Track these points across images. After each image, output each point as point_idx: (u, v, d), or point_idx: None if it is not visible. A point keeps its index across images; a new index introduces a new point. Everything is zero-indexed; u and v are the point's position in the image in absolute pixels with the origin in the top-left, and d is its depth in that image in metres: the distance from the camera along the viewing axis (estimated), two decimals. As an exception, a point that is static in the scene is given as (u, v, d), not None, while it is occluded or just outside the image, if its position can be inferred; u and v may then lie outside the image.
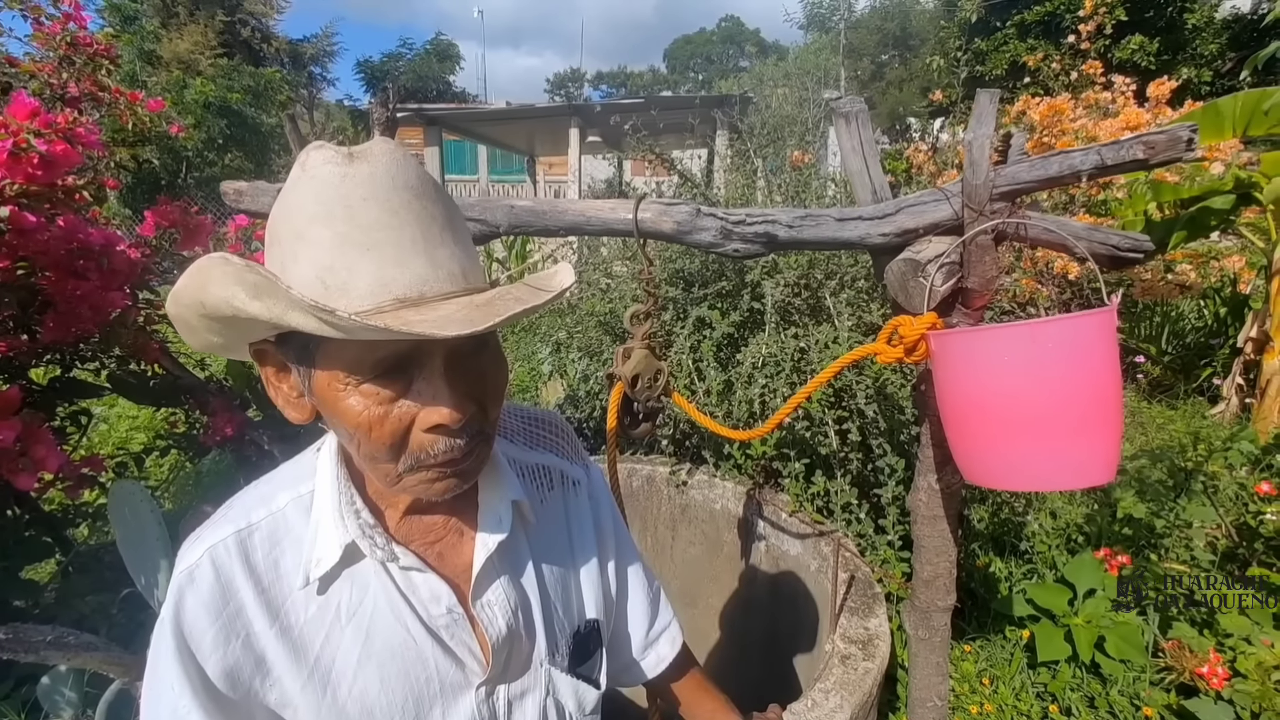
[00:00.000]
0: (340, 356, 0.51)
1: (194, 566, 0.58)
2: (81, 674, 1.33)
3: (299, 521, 0.61)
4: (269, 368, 0.58)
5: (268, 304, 0.46)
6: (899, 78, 24.05)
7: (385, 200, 0.50)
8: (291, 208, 0.50)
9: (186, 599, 0.57)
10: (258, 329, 0.53)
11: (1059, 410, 0.80)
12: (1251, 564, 2.11)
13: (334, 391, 0.53)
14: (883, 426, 2.01)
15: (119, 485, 1.25)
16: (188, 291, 0.50)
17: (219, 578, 0.58)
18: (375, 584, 0.62)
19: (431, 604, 0.62)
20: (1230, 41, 12.82)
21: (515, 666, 0.68)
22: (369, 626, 0.61)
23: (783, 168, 2.90)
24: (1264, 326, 3.83)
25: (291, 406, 0.59)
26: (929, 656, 1.30)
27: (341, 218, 0.49)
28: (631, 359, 1.12)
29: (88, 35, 2.06)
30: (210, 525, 0.61)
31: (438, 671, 0.63)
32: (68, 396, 1.83)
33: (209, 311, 0.50)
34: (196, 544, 0.60)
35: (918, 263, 0.97)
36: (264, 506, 0.62)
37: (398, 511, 0.63)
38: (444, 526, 0.66)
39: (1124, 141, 0.86)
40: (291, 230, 0.50)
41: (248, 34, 19.65)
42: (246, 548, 0.59)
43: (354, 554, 0.60)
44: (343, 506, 0.60)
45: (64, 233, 1.49)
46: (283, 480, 0.64)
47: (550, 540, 0.73)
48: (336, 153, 0.50)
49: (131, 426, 3.99)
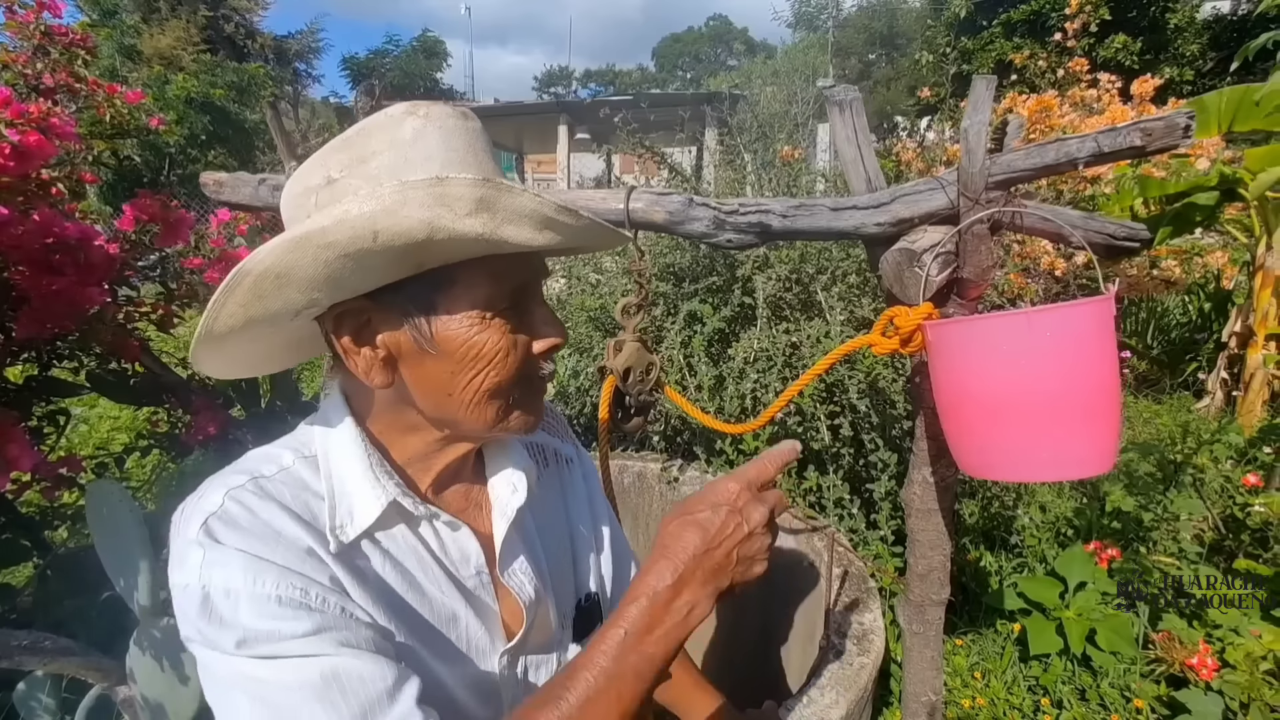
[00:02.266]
0: (475, 291, 0.55)
1: (218, 510, 0.53)
2: (59, 679, 1.30)
3: (312, 480, 0.59)
4: (345, 335, 0.56)
5: (484, 219, 0.49)
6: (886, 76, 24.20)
7: (490, 151, 0.59)
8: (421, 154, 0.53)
9: (228, 536, 0.51)
10: (395, 268, 0.52)
11: (1057, 400, 0.79)
12: (1238, 555, 2.13)
13: (467, 327, 0.55)
14: (875, 421, 2.01)
15: (96, 485, 1.22)
16: (355, 223, 0.47)
17: (253, 511, 0.53)
18: (405, 546, 0.61)
19: (461, 565, 0.64)
20: (1211, 42, 13.00)
21: (536, 634, 0.68)
22: (405, 582, 0.60)
23: (772, 163, 2.89)
24: (1247, 321, 3.88)
25: (376, 370, 0.57)
26: (923, 651, 1.29)
27: (473, 162, 0.55)
28: (623, 352, 1.10)
29: (63, 25, 2.00)
30: (211, 484, 0.56)
31: (468, 631, 0.63)
32: (45, 395, 1.78)
33: (377, 244, 0.48)
34: (204, 499, 0.54)
35: (913, 252, 0.96)
36: (270, 464, 0.59)
37: (427, 479, 0.64)
38: (465, 498, 0.67)
39: (1121, 128, 0.85)
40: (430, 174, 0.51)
41: (231, 30, 19.42)
42: (267, 490, 0.56)
43: (387, 516, 0.59)
44: (374, 468, 0.59)
45: (38, 227, 1.44)
46: (282, 444, 0.62)
47: (550, 514, 0.75)
48: (453, 107, 0.57)
49: (113, 426, 3.92)
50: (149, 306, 1.82)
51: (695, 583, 0.52)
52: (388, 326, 0.56)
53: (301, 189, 0.56)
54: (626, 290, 2.61)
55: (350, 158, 0.54)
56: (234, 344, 0.56)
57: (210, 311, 0.52)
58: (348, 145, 0.54)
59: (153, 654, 1.13)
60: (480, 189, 0.48)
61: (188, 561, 0.51)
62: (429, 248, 0.50)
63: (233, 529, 0.52)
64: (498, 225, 0.50)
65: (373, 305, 0.55)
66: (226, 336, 0.54)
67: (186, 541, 0.52)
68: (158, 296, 1.95)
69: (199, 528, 0.52)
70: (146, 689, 1.15)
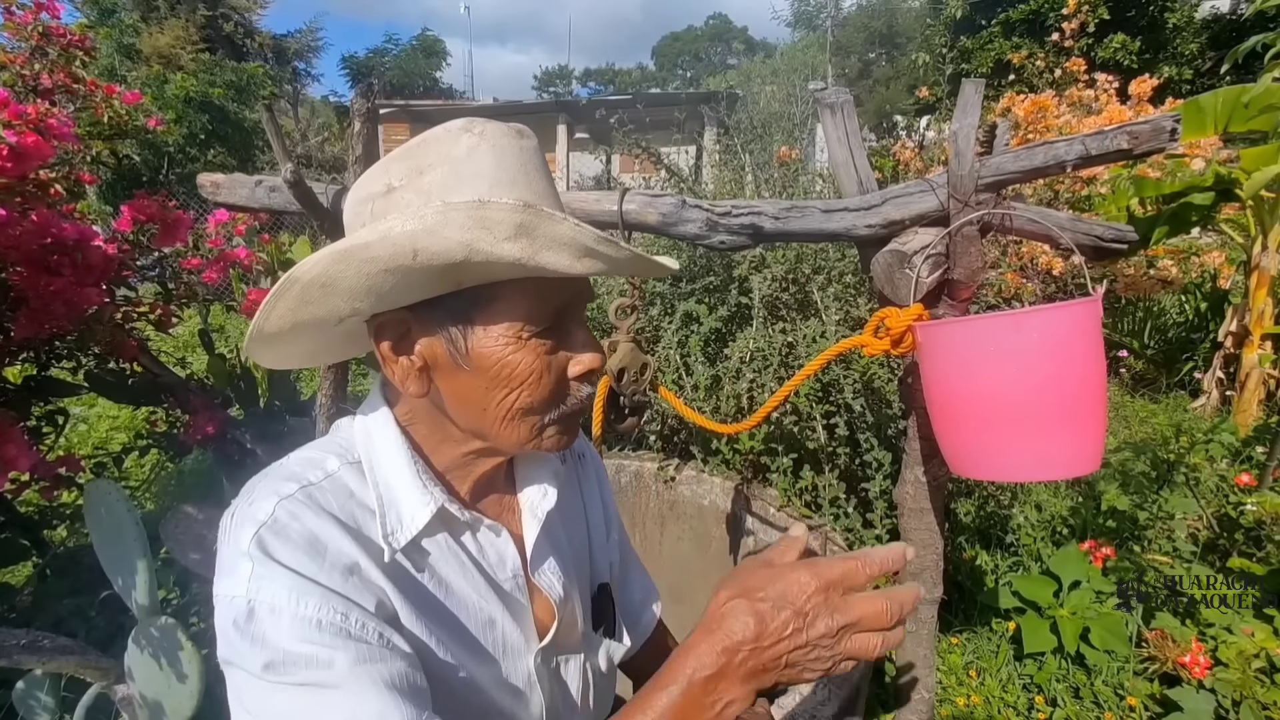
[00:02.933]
0: (516, 308, 0.55)
1: (271, 520, 0.53)
2: (58, 678, 1.30)
3: (358, 488, 0.59)
4: (385, 342, 0.57)
5: (524, 244, 0.50)
6: (886, 75, 24.19)
7: (545, 170, 0.59)
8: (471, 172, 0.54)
9: (279, 550, 0.52)
10: (435, 285, 0.53)
11: (1044, 401, 0.80)
12: (1232, 554, 2.14)
13: (503, 346, 0.55)
14: (870, 421, 2.01)
15: (94, 485, 1.23)
16: (397, 240, 0.48)
17: (304, 525, 0.54)
18: (446, 552, 0.62)
19: (499, 568, 0.65)
20: (1210, 41, 13.01)
21: (565, 631, 0.70)
22: (447, 589, 0.61)
23: (769, 163, 2.90)
24: (1243, 321, 3.89)
25: (411, 379, 0.58)
26: (916, 649, 1.30)
27: (523, 184, 0.55)
28: (618, 353, 1.11)
29: (61, 26, 2.01)
30: (260, 491, 0.56)
31: (504, 633, 0.65)
32: (43, 396, 1.79)
33: (416, 262, 0.49)
34: (256, 505, 0.54)
35: (904, 254, 0.97)
36: (316, 469, 0.59)
37: (465, 486, 0.65)
38: (498, 503, 0.69)
39: (1108, 131, 0.86)
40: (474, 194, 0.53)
41: (230, 29, 19.40)
42: (317, 500, 0.56)
43: (433, 523, 0.60)
44: (421, 475, 0.60)
45: (36, 227, 1.45)
46: (325, 448, 0.62)
47: (570, 510, 0.77)
48: (509, 126, 0.57)
49: (111, 426, 3.92)
50: (147, 306, 1.83)
51: (736, 678, 0.48)
52: (425, 338, 0.57)
53: (365, 195, 0.57)
54: (623, 290, 2.62)
55: (409, 168, 0.55)
56: (285, 342, 0.59)
57: (261, 314, 0.54)
58: (409, 155, 0.56)
59: (151, 652, 1.14)
60: (520, 215, 0.49)
61: (238, 572, 0.51)
62: (467, 268, 0.51)
63: (284, 542, 0.52)
64: (536, 251, 0.50)
65: (412, 317, 0.56)
66: (276, 336, 0.57)
67: (238, 551, 0.52)
68: (156, 296, 1.95)
69: (251, 538, 0.52)
70: (145, 687, 1.15)
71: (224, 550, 0.54)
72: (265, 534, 0.52)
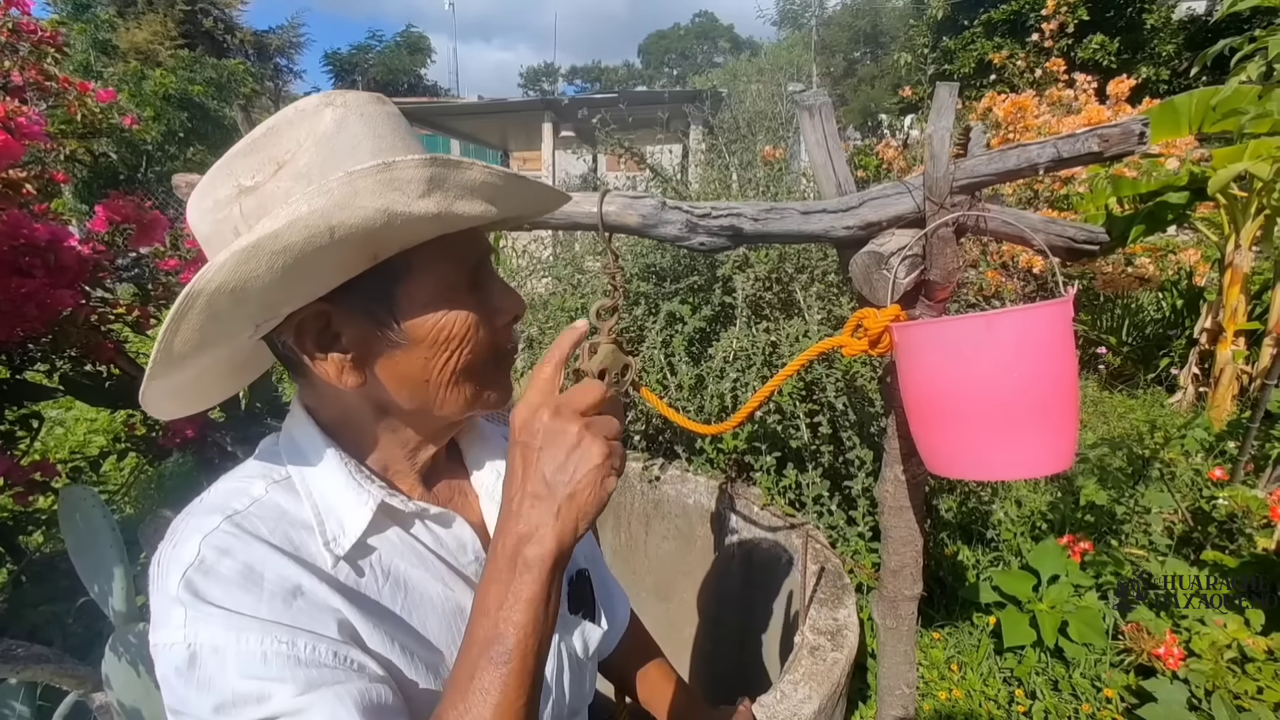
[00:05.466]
0: (436, 272, 0.55)
1: (197, 561, 0.50)
2: (34, 687, 1.29)
3: (290, 505, 0.57)
4: (308, 342, 0.55)
5: (437, 198, 0.50)
6: (871, 74, 24.35)
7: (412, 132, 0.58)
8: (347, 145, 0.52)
9: (210, 591, 0.49)
10: (351, 264, 0.51)
11: (1016, 400, 0.81)
12: (1206, 547, 2.19)
13: (432, 311, 0.56)
14: (853, 419, 2.03)
15: (68, 491, 1.21)
16: (309, 221, 0.46)
17: (235, 559, 0.51)
18: (400, 547, 0.61)
19: (460, 554, 0.64)
20: (1186, 42, 13.21)
21: None
22: (406, 586, 0.60)
23: (754, 163, 2.91)
24: (1218, 318, 3.96)
25: (348, 372, 0.56)
26: (897, 645, 1.31)
27: (401, 147, 0.55)
28: (598, 354, 1.10)
29: (31, 21, 1.97)
30: (183, 530, 0.53)
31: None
32: (17, 399, 1.76)
33: (339, 237, 0.47)
34: (180, 547, 0.52)
35: (881, 255, 0.98)
36: (241, 497, 0.56)
37: (409, 481, 0.64)
38: (450, 489, 0.68)
39: (1079, 135, 0.88)
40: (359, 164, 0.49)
41: (210, 24, 19.12)
42: (245, 527, 0.53)
43: (378, 520, 0.59)
44: (354, 474, 0.59)
45: (7, 228, 1.42)
46: (247, 473, 0.59)
47: None
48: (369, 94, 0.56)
49: (89, 429, 3.86)
50: (124, 308, 1.80)
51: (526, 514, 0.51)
52: (351, 326, 0.55)
53: (212, 204, 0.53)
54: (606, 290, 2.61)
55: (262, 160, 0.52)
56: (185, 374, 0.55)
57: (162, 343, 0.49)
58: (255, 149, 0.52)
59: (129, 660, 1.13)
60: (430, 168, 0.48)
61: (171, 620, 0.49)
62: (384, 236, 0.50)
63: (215, 581, 0.50)
64: (451, 203, 0.51)
65: (331, 308, 0.54)
66: (180, 366, 0.52)
67: (168, 598, 0.50)
68: (133, 297, 1.92)
69: (179, 583, 0.49)
70: (123, 695, 1.14)
71: (155, 599, 0.51)
72: (194, 575, 0.50)
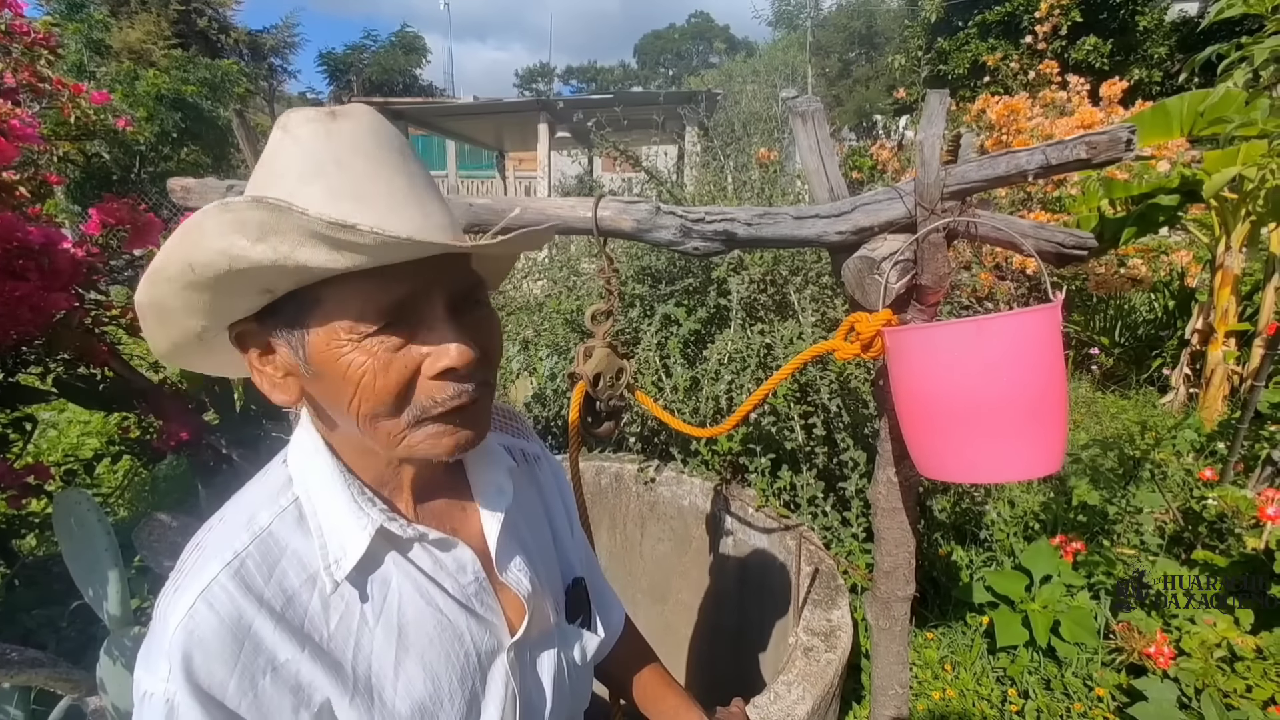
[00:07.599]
0: (344, 306, 0.50)
1: (189, 619, 0.51)
2: (28, 691, 1.28)
3: (292, 535, 0.57)
4: (252, 350, 0.56)
5: (274, 243, 0.45)
6: (865, 75, 24.41)
7: (372, 154, 0.51)
8: (278, 171, 0.50)
9: (194, 659, 0.50)
10: (247, 295, 0.50)
11: (1006, 404, 0.82)
12: (1196, 547, 2.21)
13: (335, 349, 0.51)
14: (847, 421, 2.04)
15: (63, 495, 1.21)
16: (175, 256, 0.47)
17: (223, 621, 0.51)
18: (396, 574, 0.60)
19: (459, 574, 0.63)
20: (1179, 44, 13.30)
21: (536, 625, 0.70)
22: (399, 621, 0.59)
23: (749, 164, 2.92)
24: (1209, 319, 4.00)
25: (277, 389, 0.56)
26: (890, 645, 1.32)
27: (333, 173, 0.49)
28: (593, 358, 1.11)
29: (24, 23, 1.96)
30: (189, 572, 0.54)
31: (474, 643, 0.64)
32: (10, 403, 1.75)
33: (198, 276, 0.48)
34: (180, 595, 0.52)
35: (873, 260, 0.99)
36: (244, 531, 0.56)
37: (403, 498, 0.63)
38: (448, 507, 0.67)
39: (1068, 141, 0.89)
40: (283, 192, 0.48)
41: (204, 24, 19.03)
42: (243, 578, 0.53)
43: (377, 545, 0.58)
44: (356, 497, 0.58)
45: (1, 232, 1.42)
46: (254, 500, 0.59)
47: (530, 509, 0.77)
48: (318, 112, 0.50)
49: (83, 431, 3.84)
50: (118, 310, 1.80)
51: None
52: (282, 345, 0.54)
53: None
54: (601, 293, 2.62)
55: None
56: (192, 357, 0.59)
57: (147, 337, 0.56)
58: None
59: (123, 663, 1.13)
60: (258, 212, 0.44)
61: (158, 670, 0.50)
62: (267, 274, 0.48)
63: (199, 650, 0.50)
64: (291, 250, 0.45)
65: (258, 326, 0.54)
66: (177, 360, 0.57)
67: (160, 647, 0.51)
68: (127, 300, 1.92)
69: (171, 636, 0.50)
70: (118, 699, 1.14)
71: (152, 633, 0.53)
72: (185, 640, 0.50)
